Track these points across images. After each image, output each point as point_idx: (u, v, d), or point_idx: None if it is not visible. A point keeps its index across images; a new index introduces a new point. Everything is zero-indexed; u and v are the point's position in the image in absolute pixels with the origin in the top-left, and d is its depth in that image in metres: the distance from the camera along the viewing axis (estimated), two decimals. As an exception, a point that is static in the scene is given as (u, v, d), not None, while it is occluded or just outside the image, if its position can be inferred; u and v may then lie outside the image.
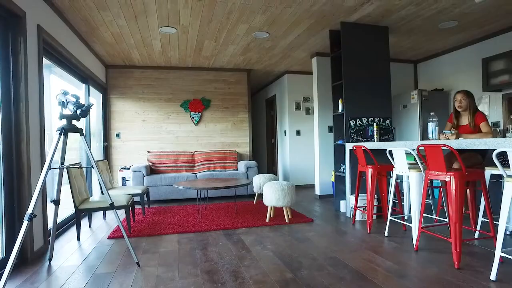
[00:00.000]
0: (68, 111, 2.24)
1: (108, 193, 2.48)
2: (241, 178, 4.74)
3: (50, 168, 2.12)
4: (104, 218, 4.30)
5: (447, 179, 2.36)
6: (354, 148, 3.71)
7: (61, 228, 3.67)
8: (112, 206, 2.45)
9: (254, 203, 5.11)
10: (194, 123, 6.34)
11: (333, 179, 5.28)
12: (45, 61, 3.73)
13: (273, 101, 7.83)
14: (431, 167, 2.54)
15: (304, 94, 6.98)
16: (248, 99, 6.62)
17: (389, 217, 3.17)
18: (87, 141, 4.81)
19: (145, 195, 5.09)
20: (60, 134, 2.20)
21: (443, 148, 2.39)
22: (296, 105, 6.92)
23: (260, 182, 4.89)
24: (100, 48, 4.97)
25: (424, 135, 5.32)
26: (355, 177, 4.10)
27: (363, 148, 3.48)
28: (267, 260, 2.60)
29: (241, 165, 5.88)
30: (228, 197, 5.78)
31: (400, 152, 2.94)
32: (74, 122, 2.38)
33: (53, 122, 4.31)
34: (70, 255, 2.86)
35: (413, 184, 2.81)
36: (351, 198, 4.05)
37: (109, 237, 3.36)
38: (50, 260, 2.67)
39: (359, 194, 3.93)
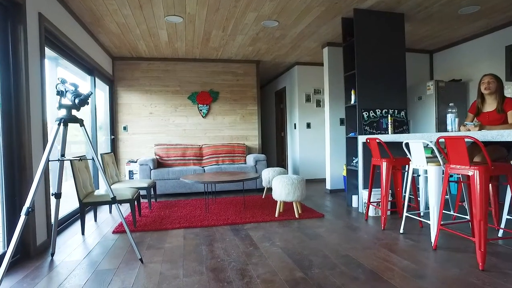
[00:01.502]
0: (67, 101, 2.14)
1: (109, 186, 2.38)
2: (249, 172, 4.61)
3: (49, 161, 2.02)
4: (110, 212, 4.24)
5: (470, 173, 2.19)
6: (368, 140, 3.53)
7: (66, 222, 3.61)
8: (113, 200, 2.35)
9: (263, 197, 4.99)
10: (202, 116, 6.23)
11: (344, 173, 5.11)
12: (51, 53, 3.66)
13: (283, 93, 7.66)
14: (452, 160, 2.36)
15: (315, 86, 6.79)
16: (257, 91, 6.46)
17: (404, 213, 3.00)
18: (93, 132, 4.75)
19: (151, 189, 5.02)
20: (59, 124, 2.10)
21: (466, 140, 2.21)
22: (306, 97, 6.74)
23: (269, 176, 4.76)
24: (106, 39, 4.87)
25: (440, 127, 5.09)
26: (368, 171, 3.93)
27: (377, 140, 3.30)
28: (276, 258, 2.48)
29: (250, 159, 5.76)
30: (236, 191, 5.67)
31: (417, 145, 2.76)
32: (75, 112, 2.27)
33: (60, 114, 4.24)
34: (73, 249, 2.79)
35: (432, 179, 2.63)
36: (363, 193, 3.89)
37: (113, 232, 3.28)
38: (52, 255, 2.60)
39: (373, 189, 3.76)
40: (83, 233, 3.25)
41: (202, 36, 4.85)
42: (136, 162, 5.57)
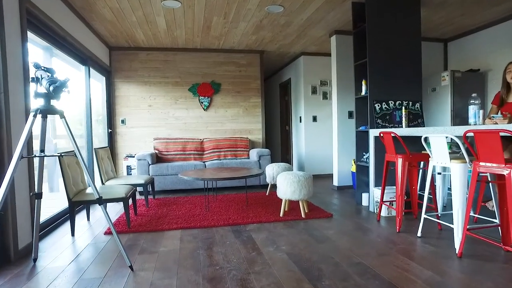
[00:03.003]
0: (44, 89, 1.87)
1: (93, 185, 2.13)
2: (252, 168, 4.35)
3: (22, 157, 1.77)
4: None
5: (505, 172, 1.90)
6: (381, 135, 3.25)
7: (58, 221, 3.38)
8: (99, 201, 2.10)
9: (266, 194, 4.73)
10: (203, 108, 5.95)
11: (353, 169, 4.83)
12: (44, 42, 3.40)
13: (288, 85, 7.35)
14: (482, 157, 2.07)
15: (321, 77, 6.48)
16: (261, 82, 6.17)
17: (423, 215, 2.72)
18: (88, 126, 4.50)
19: (149, 185, 4.77)
20: (34, 116, 1.84)
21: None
22: (313, 89, 6.44)
23: (274, 172, 4.49)
24: (101, 27, 4.59)
25: (456, 121, 4.78)
26: (379, 167, 3.65)
27: (392, 134, 3.02)
28: (281, 265, 2.22)
29: (253, 153, 5.49)
30: (238, 188, 5.41)
31: (440, 140, 2.47)
32: (57, 102, 2.01)
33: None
34: (60, 253, 2.55)
35: (456, 178, 2.35)
36: (375, 191, 3.61)
37: (105, 233, 3.05)
38: (34, 260, 2.36)
39: (385, 187, 3.48)
40: (73, 234, 3.01)
41: (203, 23, 4.55)
42: (134, 157, 5.33)
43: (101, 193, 3.09)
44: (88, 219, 3.57)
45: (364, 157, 4.09)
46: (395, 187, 3.61)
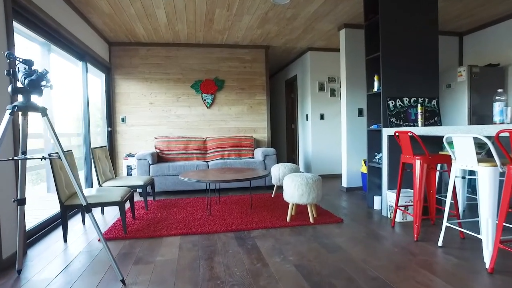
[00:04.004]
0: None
1: (79, 189, 1.92)
2: (257, 169, 4.13)
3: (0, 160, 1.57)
4: (102, 212, 3.81)
5: (548, 178, 1.65)
6: (397, 134, 3.00)
7: (50, 226, 3.18)
8: (86, 209, 1.89)
9: (272, 196, 4.50)
10: (206, 106, 5.73)
11: (363, 170, 4.58)
12: (40, 38, 3.22)
13: (294, 82, 7.10)
14: (518, 160, 1.83)
15: (329, 74, 6.23)
16: (266, 79, 5.93)
17: (445, 222, 2.48)
18: (85, 124, 4.30)
19: (150, 187, 4.57)
20: (11, 114, 1.63)
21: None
22: (320, 86, 6.19)
23: (280, 173, 4.26)
24: (98, 20, 4.39)
25: (472, 119, 4.51)
26: (393, 169, 3.40)
27: (409, 134, 2.77)
28: (289, 280, 1.99)
29: (258, 153, 5.26)
30: (243, 189, 5.19)
31: (466, 140, 2.22)
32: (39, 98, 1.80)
33: (53, 104, 3.80)
34: (48, 263, 2.35)
35: (486, 183, 2.10)
36: (389, 195, 3.37)
37: (100, 240, 2.84)
38: (19, 272, 2.16)
39: (401, 190, 3.23)
40: (65, 241, 2.81)
41: (205, 16, 4.32)
42: (134, 156, 5.13)
43: (95, 196, 2.89)
44: (84, 223, 3.38)
45: (376, 157, 3.85)
46: (411, 190, 3.36)
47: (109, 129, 5.32)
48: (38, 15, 2.92)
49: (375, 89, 3.71)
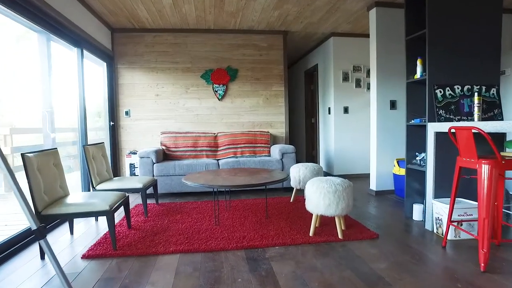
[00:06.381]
0: None
1: (29, 212, 1.41)
2: (274, 169, 3.56)
3: None
4: (96, 219, 3.34)
5: None
6: (452, 130, 2.36)
7: (29, 237, 2.72)
8: (41, 234, 1.38)
9: (291, 201, 3.93)
10: (218, 98, 5.19)
11: (395, 171, 3.94)
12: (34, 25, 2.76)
13: (314, 72, 6.46)
14: None
15: (354, 62, 5.57)
16: (284, 67, 5.33)
17: (526, 251, 1.85)
18: (81, 117, 3.84)
19: (152, 188, 4.08)
20: None
21: None
22: (344, 75, 5.54)
23: (300, 175, 3.69)
24: (97, 3, 3.89)
25: (531, 112, 3.78)
26: (442, 173, 2.77)
27: (474, 130, 2.13)
28: (318, 334, 1.43)
29: (275, 150, 4.69)
30: (257, 191, 4.64)
31: None
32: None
33: (54, 97, 3.36)
34: (16, 287, 1.88)
35: None
36: (435, 204, 2.74)
37: (84, 256, 2.35)
38: (-34, 307, 1.69)
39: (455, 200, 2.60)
40: (42, 258, 2.34)
41: (214, -7, 3.76)
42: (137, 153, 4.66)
43: (78, 204, 2.40)
44: (72, 232, 2.91)
45: (418, 158, 3.20)
46: (465, 200, 2.72)
47: (112, 123, 4.87)
48: (11, -14, 2.43)
49: (418, 75, 3.06)
